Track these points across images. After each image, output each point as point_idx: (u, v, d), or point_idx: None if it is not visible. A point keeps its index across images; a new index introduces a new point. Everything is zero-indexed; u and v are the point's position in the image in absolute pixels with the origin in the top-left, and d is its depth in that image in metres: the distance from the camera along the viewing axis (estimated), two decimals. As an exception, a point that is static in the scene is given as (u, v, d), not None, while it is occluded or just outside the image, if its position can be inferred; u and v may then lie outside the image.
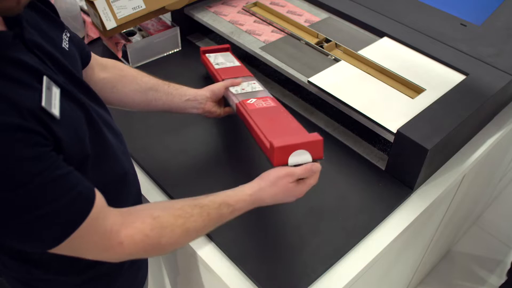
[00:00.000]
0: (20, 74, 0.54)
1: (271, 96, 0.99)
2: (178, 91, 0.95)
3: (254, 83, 1.05)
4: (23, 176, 0.51)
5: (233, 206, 0.72)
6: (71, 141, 0.58)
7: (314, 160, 0.78)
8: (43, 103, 0.54)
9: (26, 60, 0.55)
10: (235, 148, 1.07)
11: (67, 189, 0.56)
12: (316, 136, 0.78)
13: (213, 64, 1.15)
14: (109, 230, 0.62)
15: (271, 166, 0.77)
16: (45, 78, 0.56)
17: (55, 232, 0.56)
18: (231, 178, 0.98)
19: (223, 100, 1.03)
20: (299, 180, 0.76)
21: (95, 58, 0.87)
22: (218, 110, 1.00)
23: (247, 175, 0.99)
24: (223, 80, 1.05)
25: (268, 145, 0.78)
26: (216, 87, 0.99)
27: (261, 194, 0.74)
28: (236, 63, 1.17)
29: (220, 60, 1.17)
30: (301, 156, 0.76)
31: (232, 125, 1.12)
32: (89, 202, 0.59)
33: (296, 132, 0.85)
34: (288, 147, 0.75)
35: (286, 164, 0.76)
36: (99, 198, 0.61)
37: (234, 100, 0.97)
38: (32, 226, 0.54)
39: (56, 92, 0.58)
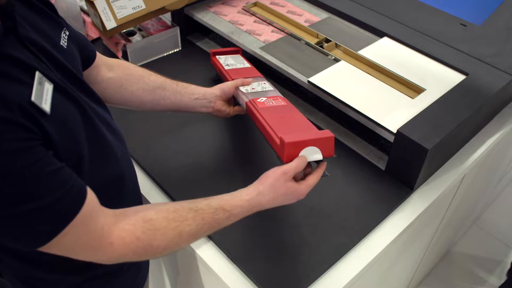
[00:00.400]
0: (10, 69, 0.54)
1: (282, 96, 0.98)
2: (187, 89, 0.94)
3: (265, 83, 1.04)
4: (9, 169, 0.51)
5: (230, 212, 0.71)
6: (62, 137, 0.58)
7: (324, 158, 0.77)
8: (32, 98, 0.53)
9: (18, 55, 0.55)
10: (237, 149, 1.07)
11: (57, 185, 0.55)
12: (327, 133, 0.77)
13: (223, 65, 1.15)
14: (101, 230, 0.61)
15: (281, 163, 0.76)
16: (37, 73, 0.56)
17: (44, 229, 0.56)
18: (233, 179, 0.98)
19: (232, 100, 1.02)
20: (300, 180, 0.75)
21: (101, 58, 0.86)
22: (228, 109, 0.99)
23: (250, 176, 0.99)
24: (233, 79, 1.04)
25: (278, 141, 0.77)
26: (226, 86, 0.98)
27: (259, 199, 0.73)
28: (247, 64, 1.17)
29: (231, 62, 1.16)
30: (311, 153, 0.75)
31: (232, 125, 1.12)
32: (80, 199, 0.58)
33: (307, 129, 0.84)
34: (298, 143, 0.74)
35: None
36: (91, 196, 0.61)
37: (244, 99, 0.96)
38: (21, 221, 0.54)
39: (48, 88, 0.58)
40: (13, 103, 0.51)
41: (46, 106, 0.56)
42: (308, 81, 1.08)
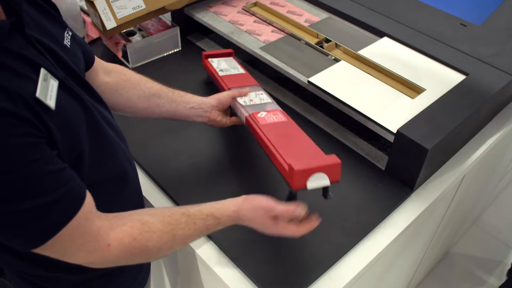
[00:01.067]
0: (16, 65, 0.54)
1: (281, 110, 0.97)
2: (183, 98, 0.94)
3: (262, 94, 1.03)
4: (13, 164, 0.51)
5: (219, 219, 0.74)
6: (64, 133, 0.58)
7: (331, 183, 0.77)
8: (37, 94, 0.54)
9: (24, 52, 0.55)
10: (237, 149, 1.07)
11: (59, 184, 0.56)
12: (334, 159, 0.77)
13: (217, 70, 1.13)
14: (97, 232, 0.62)
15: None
16: (42, 69, 0.57)
17: (41, 228, 0.56)
18: (233, 179, 0.98)
19: (229, 110, 1.01)
20: (281, 220, 0.74)
21: (100, 62, 0.86)
22: (224, 120, 0.98)
23: (250, 177, 0.99)
24: (229, 89, 1.03)
25: (286, 167, 0.77)
26: (222, 96, 0.97)
27: (241, 215, 0.75)
28: (241, 70, 1.15)
29: (224, 66, 1.15)
30: (319, 180, 0.76)
31: (233, 126, 1.11)
32: (79, 201, 0.59)
33: (313, 151, 0.84)
34: (307, 170, 0.75)
35: (305, 188, 0.75)
36: (89, 199, 0.62)
37: (244, 113, 0.95)
38: (18, 219, 0.54)
39: (53, 84, 0.58)
40: (19, 98, 0.52)
41: (51, 102, 0.56)
42: (308, 81, 1.08)
